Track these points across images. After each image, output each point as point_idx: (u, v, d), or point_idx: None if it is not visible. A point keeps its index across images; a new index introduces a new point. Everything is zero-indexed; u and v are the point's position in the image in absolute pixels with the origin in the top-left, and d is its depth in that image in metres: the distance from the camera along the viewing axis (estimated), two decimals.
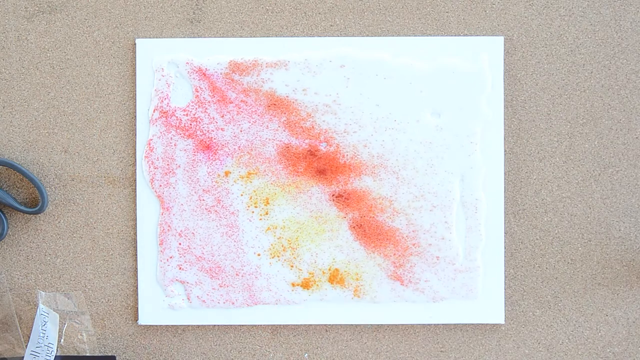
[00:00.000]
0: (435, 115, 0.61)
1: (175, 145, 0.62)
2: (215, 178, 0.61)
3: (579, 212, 0.62)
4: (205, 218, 0.62)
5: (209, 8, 0.62)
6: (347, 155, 0.61)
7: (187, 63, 0.61)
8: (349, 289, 0.62)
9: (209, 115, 0.61)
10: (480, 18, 0.62)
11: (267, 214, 0.62)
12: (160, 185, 0.62)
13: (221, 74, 0.61)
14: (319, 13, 0.62)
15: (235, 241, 0.62)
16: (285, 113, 0.61)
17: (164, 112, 0.61)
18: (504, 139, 0.62)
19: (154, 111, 0.61)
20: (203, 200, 0.62)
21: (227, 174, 0.62)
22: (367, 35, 0.62)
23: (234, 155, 0.61)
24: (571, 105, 0.62)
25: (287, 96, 0.61)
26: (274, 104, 0.61)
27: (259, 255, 0.62)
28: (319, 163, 0.62)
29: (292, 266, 0.62)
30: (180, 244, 0.62)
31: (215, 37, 0.62)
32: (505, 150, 0.62)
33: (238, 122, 0.61)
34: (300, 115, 0.61)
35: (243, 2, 0.62)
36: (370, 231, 0.62)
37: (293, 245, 0.62)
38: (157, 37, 0.62)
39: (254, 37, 0.62)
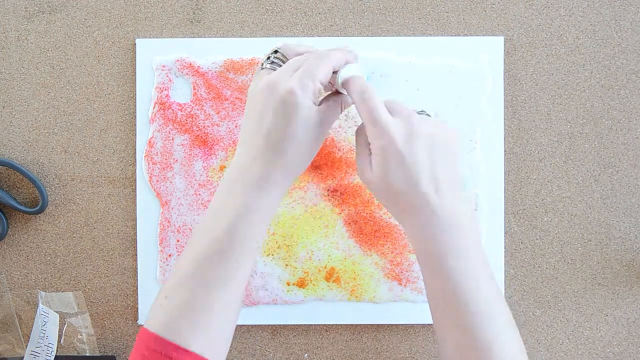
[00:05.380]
0: (434, 114, 0.61)
1: (172, 139, 0.62)
2: (210, 172, 0.61)
3: (579, 212, 0.62)
4: (202, 213, 0.62)
5: (208, 8, 0.62)
6: (343, 149, 0.61)
7: (177, 61, 0.61)
8: (346, 289, 0.61)
9: (205, 112, 0.61)
10: (480, 18, 0.62)
11: None
12: (158, 181, 0.62)
13: (215, 72, 0.61)
14: (319, 13, 0.62)
15: None
16: None
17: (162, 104, 0.61)
18: (504, 139, 0.62)
19: (154, 106, 0.61)
20: (199, 194, 0.62)
21: (221, 168, 0.61)
22: (367, 35, 0.62)
23: (229, 150, 0.61)
24: (571, 105, 0.62)
25: None
26: None
27: None
28: (314, 157, 0.61)
29: (286, 265, 0.61)
30: (178, 240, 0.62)
31: (215, 37, 0.62)
32: (505, 150, 0.62)
33: (233, 118, 0.61)
34: None
35: (243, 3, 0.62)
36: (367, 228, 0.61)
37: (288, 243, 0.61)
38: (157, 37, 0.62)
39: (254, 37, 0.62)
